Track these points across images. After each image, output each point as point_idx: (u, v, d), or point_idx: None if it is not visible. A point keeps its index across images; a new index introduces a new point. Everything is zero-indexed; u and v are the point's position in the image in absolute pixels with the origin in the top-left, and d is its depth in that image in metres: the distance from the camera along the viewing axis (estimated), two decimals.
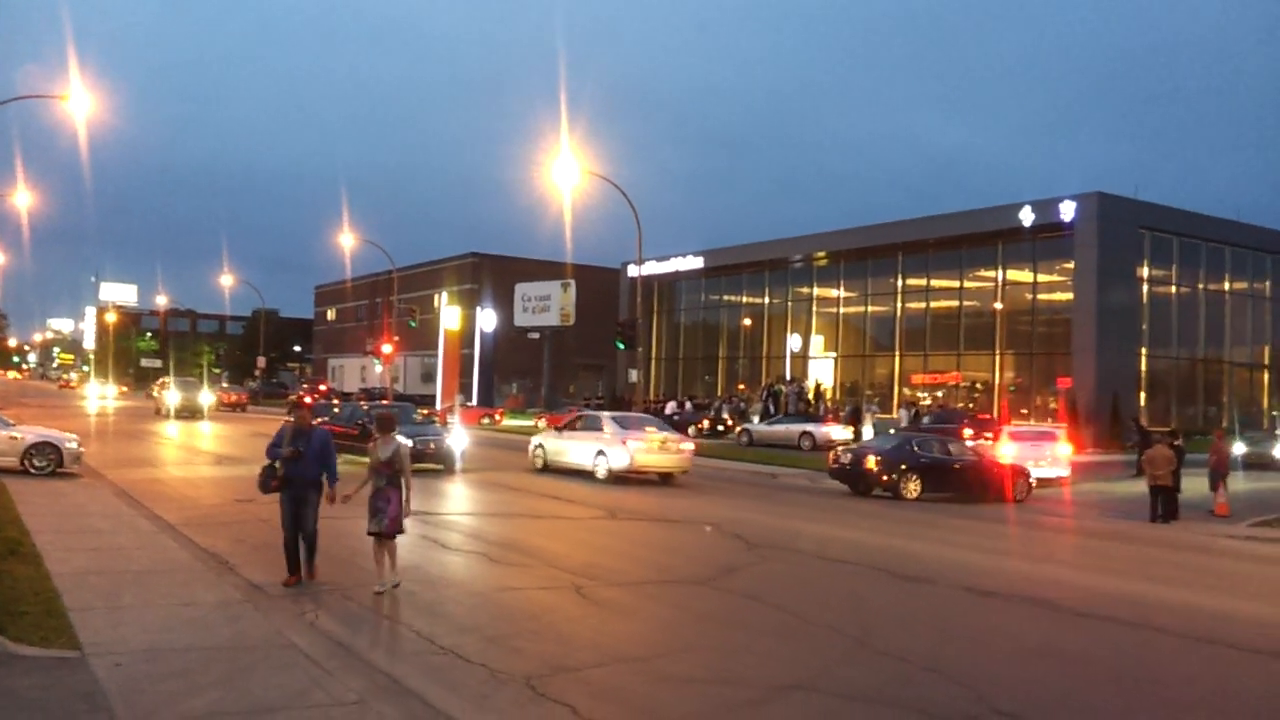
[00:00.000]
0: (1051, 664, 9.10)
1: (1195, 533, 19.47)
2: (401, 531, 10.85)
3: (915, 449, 23.83)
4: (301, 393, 74.12)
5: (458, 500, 20.36)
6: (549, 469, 26.24)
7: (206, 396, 51.89)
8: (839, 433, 39.07)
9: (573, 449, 25.89)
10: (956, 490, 23.57)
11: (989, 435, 32.77)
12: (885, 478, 22.90)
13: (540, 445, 27.19)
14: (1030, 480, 24.83)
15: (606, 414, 27.79)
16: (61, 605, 9.26)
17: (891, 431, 37.83)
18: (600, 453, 24.73)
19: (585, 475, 24.72)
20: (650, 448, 24.52)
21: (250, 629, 9.04)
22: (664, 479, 25.04)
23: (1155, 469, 20.64)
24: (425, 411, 34.12)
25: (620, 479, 24.12)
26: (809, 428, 38.84)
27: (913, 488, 22.88)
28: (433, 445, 25.18)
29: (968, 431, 33.82)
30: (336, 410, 30.59)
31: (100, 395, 74.17)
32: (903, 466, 23.09)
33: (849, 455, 24.28)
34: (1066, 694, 8.22)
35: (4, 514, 14.45)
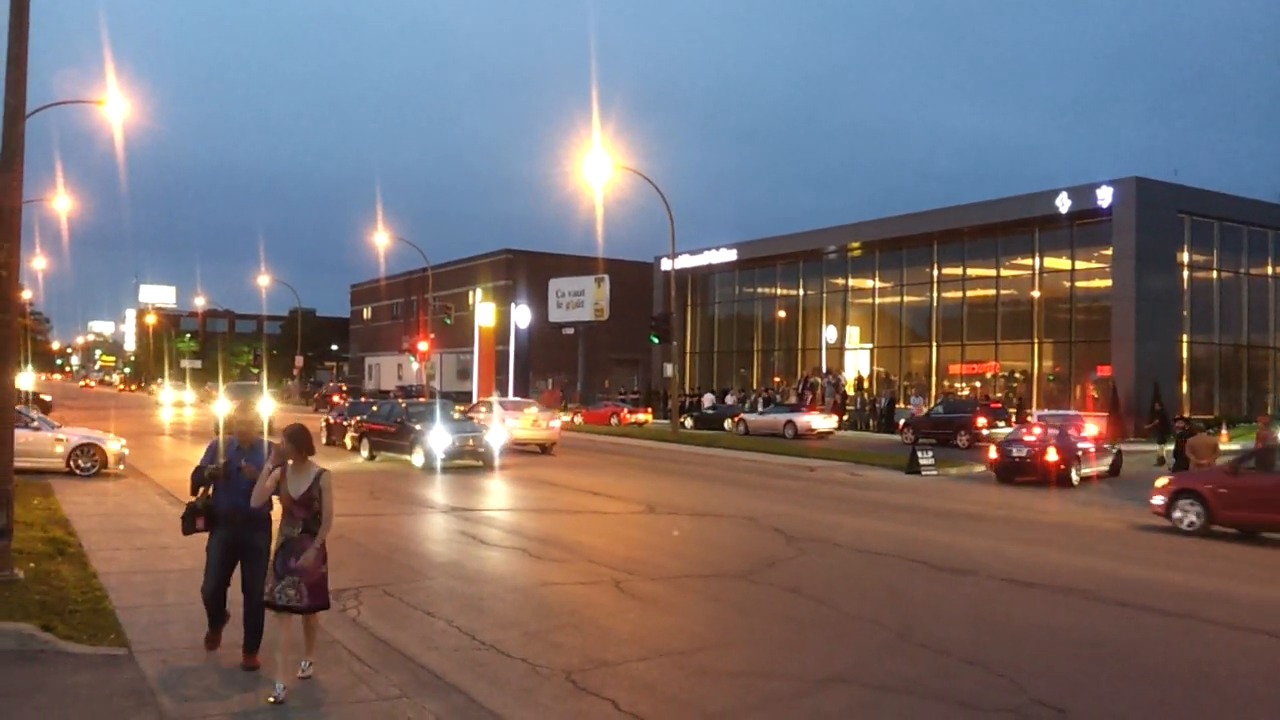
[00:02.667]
0: (1094, 655, 9.01)
1: None
2: (325, 606, 7.52)
3: (1071, 437, 25.30)
4: (329, 389, 74.17)
5: (495, 496, 20.45)
6: None
7: (269, 405, 38.05)
8: (819, 422, 41.90)
9: None
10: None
11: (1001, 423, 33.33)
12: (1062, 467, 23.93)
13: None
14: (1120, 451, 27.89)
15: (496, 399, 35.34)
16: (109, 604, 9.40)
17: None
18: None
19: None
20: (525, 425, 30.95)
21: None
22: (543, 449, 30.83)
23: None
24: (462, 408, 34.38)
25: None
26: (792, 417, 41.92)
27: (1073, 474, 24.28)
28: (472, 441, 25.41)
29: (981, 420, 34.65)
30: (375, 409, 30.84)
31: (176, 402, 64.78)
32: (1071, 455, 24.45)
33: (1021, 449, 24.76)
34: (1109, 685, 8.14)
35: (51, 514, 14.68)
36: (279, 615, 7.23)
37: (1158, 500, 17.75)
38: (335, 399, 62.74)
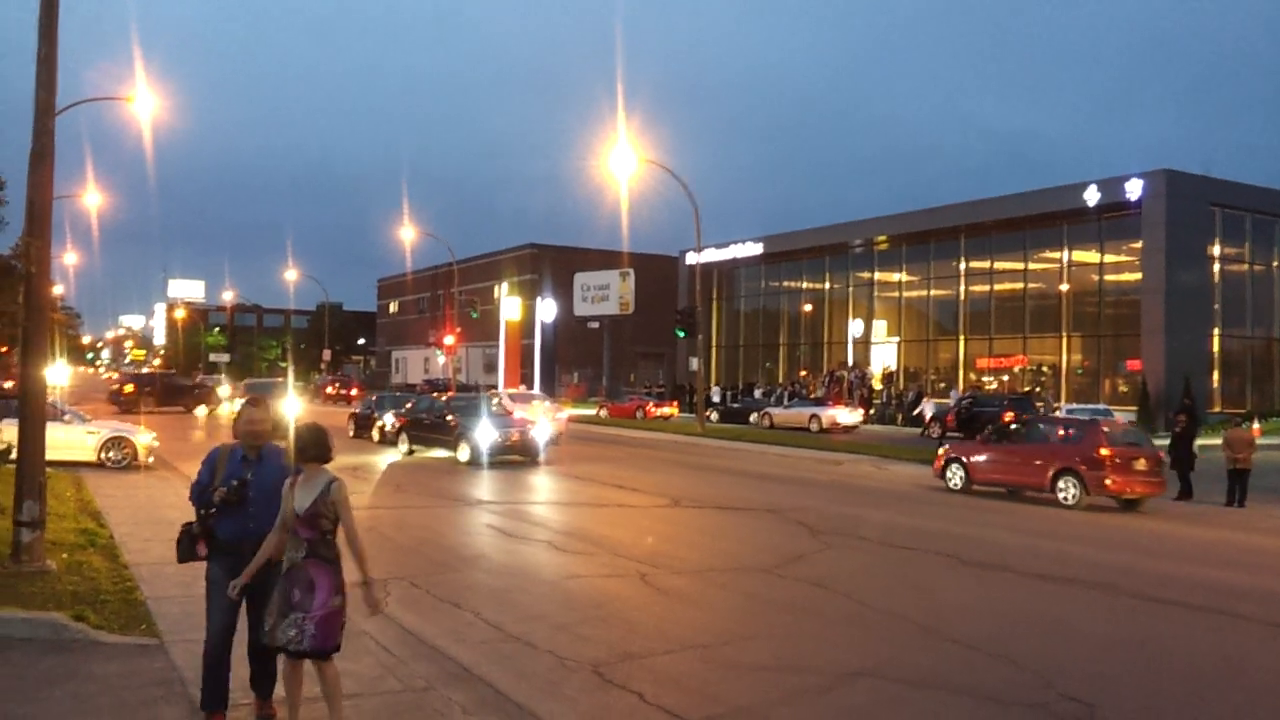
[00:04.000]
0: (1124, 651, 8.95)
1: (1273, 517, 19.01)
2: (335, 648, 6.05)
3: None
4: (324, 381, 71.35)
5: (522, 490, 20.48)
6: None
7: (294, 404, 33.39)
8: (844, 416, 42.21)
9: None
10: None
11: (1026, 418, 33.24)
12: None
13: None
14: None
15: (504, 391, 37.74)
16: (140, 595, 9.49)
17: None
18: None
19: None
20: (531, 416, 30.14)
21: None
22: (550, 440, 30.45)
23: (1235, 451, 20.14)
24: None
25: None
26: (817, 411, 42.25)
27: None
28: (517, 435, 25.15)
29: (1009, 415, 34.64)
30: (410, 404, 30.70)
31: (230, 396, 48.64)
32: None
33: None
34: (1139, 680, 8.09)
35: (83, 506, 14.85)
36: (286, 660, 6.08)
37: (939, 465, 22.26)
38: (329, 390, 63.42)
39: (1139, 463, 19.35)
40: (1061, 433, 20.74)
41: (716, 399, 50.94)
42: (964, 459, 21.60)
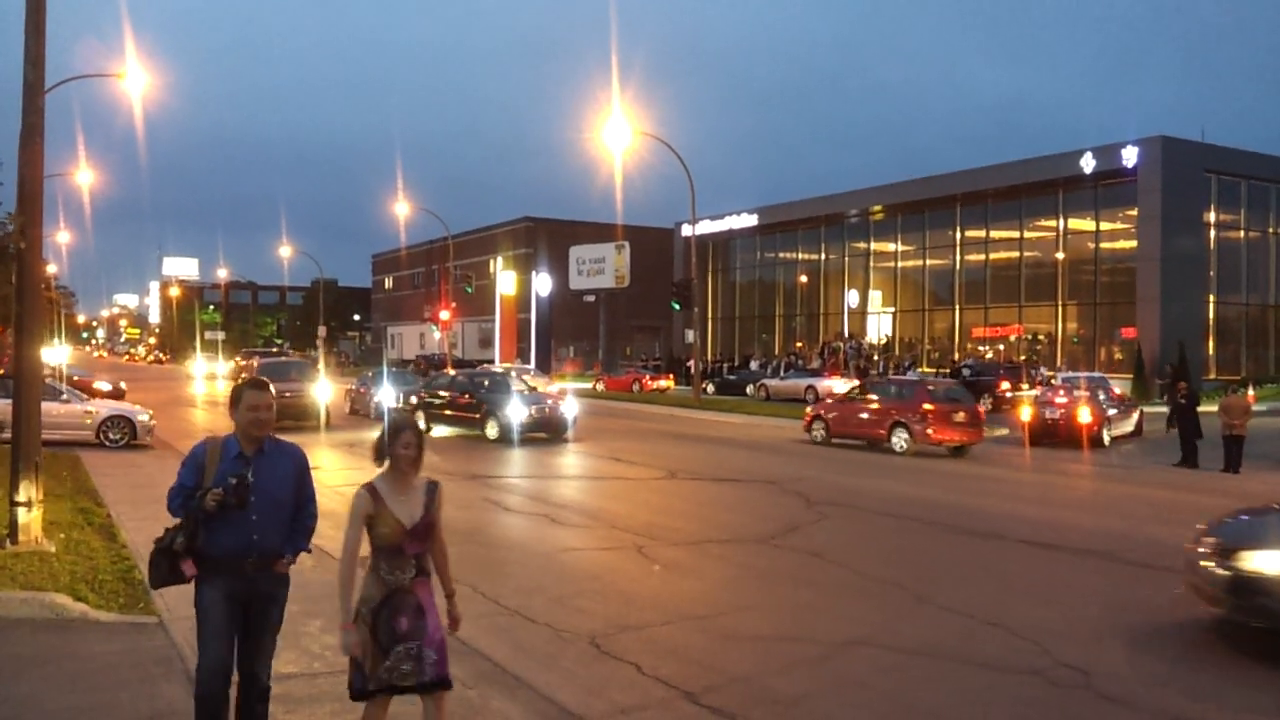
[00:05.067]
0: (1120, 617, 9.00)
1: (1268, 483, 19.09)
2: (448, 683, 5.16)
3: (1102, 398, 26.84)
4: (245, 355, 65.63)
5: (518, 463, 20.51)
6: None
7: (325, 389, 27.35)
8: (841, 386, 42.02)
9: None
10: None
11: (1025, 386, 33.64)
12: (1095, 428, 24.56)
13: None
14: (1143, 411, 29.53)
15: (499, 368, 39.71)
16: (138, 573, 9.49)
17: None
18: None
19: None
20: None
21: (318, 593, 9.21)
22: None
23: (1232, 418, 20.22)
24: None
25: None
26: (813, 382, 42.36)
27: (1105, 434, 25.30)
28: (547, 411, 24.66)
29: (1005, 384, 34.90)
30: (425, 381, 30.15)
31: (208, 374, 52.75)
32: (1104, 416, 25.52)
33: (1054, 411, 25.39)
34: (1135, 647, 8.13)
35: (81, 486, 14.86)
36: (375, 704, 4.95)
37: (807, 421, 25.26)
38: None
39: (958, 415, 22.27)
40: (896, 391, 23.75)
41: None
42: (825, 416, 24.79)
